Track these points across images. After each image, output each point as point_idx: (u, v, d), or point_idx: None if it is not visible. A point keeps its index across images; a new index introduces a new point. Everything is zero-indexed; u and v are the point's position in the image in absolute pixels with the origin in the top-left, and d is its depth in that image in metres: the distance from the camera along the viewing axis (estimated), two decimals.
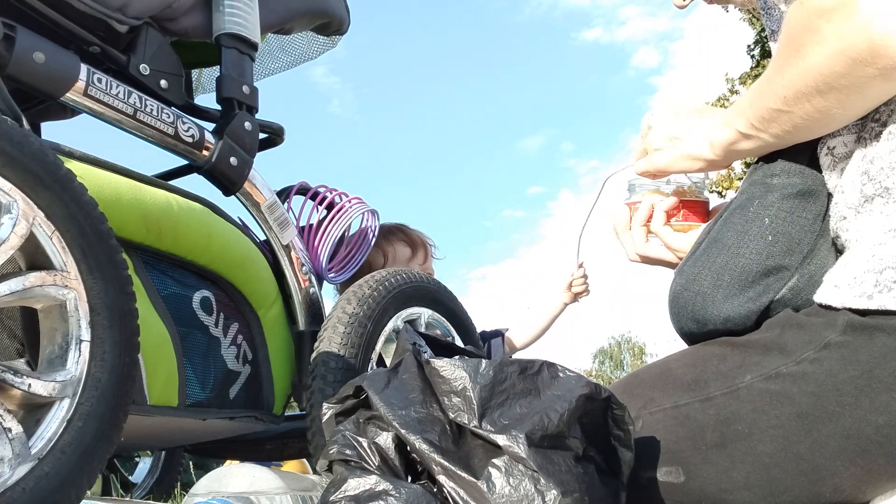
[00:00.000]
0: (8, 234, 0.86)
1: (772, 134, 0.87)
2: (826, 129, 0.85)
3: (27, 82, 1.12)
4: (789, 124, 0.83)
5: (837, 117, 0.80)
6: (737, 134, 0.92)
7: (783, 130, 0.85)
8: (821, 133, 0.87)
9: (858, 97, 0.75)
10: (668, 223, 1.10)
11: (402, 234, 2.17)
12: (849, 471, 0.78)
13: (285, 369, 1.57)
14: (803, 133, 0.86)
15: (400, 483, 0.78)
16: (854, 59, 0.70)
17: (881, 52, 0.68)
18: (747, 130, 0.89)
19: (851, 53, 0.70)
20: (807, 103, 0.79)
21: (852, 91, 0.74)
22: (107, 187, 1.21)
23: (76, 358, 0.91)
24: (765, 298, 0.89)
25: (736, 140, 0.92)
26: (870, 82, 0.72)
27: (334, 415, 0.91)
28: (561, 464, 0.76)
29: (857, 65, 0.70)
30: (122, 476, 2.39)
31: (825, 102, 0.77)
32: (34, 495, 0.83)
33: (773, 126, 0.85)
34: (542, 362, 0.84)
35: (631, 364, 18.01)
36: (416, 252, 2.16)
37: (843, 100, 0.76)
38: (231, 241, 1.47)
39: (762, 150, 0.93)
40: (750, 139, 0.90)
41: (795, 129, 0.84)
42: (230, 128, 1.43)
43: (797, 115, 0.81)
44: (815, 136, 0.88)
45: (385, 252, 2.10)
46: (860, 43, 0.69)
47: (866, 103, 0.78)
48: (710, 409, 0.85)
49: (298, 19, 1.65)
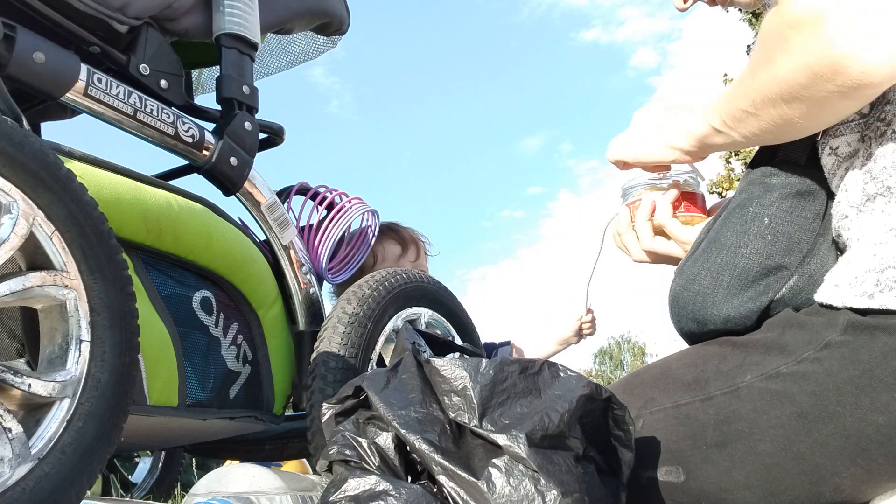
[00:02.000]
0: (8, 234, 0.86)
1: (740, 133, 0.88)
2: (791, 136, 0.87)
3: (27, 82, 1.12)
4: (756, 127, 0.85)
5: (799, 126, 0.82)
6: (710, 129, 0.93)
7: (750, 132, 0.86)
8: (787, 139, 0.88)
9: (819, 110, 0.77)
10: (675, 215, 1.10)
11: (392, 233, 2.15)
12: (849, 470, 0.78)
13: (285, 369, 1.57)
14: (769, 137, 0.87)
15: (400, 483, 0.78)
16: (816, 74, 0.72)
17: (840, 70, 0.70)
18: (719, 127, 0.91)
19: (815, 68, 0.72)
20: (772, 109, 0.80)
21: (813, 104, 0.76)
22: (107, 187, 1.21)
23: (76, 358, 0.91)
24: (765, 298, 0.89)
25: (709, 134, 0.94)
26: (830, 97, 0.74)
27: (334, 415, 0.91)
28: (561, 464, 0.76)
29: (819, 79, 0.72)
30: (122, 476, 2.39)
31: (789, 111, 0.79)
32: (34, 495, 0.83)
33: (742, 126, 0.87)
34: (542, 362, 0.84)
35: (631, 364, 18.02)
36: (407, 250, 2.14)
37: (805, 111, 0.78)
38: (231, 241, 1.47)
39: (734, 146, 0.94)
40: (721, 135, 0.92)
41: (761, 132, 0.85)
42: (230, 128, 1.43)
43: (763, 118, 0.83)
44: (781, 141, 0.89)
45: (374, 251, 2.08)
46: (823, 59, 0.71)
47: (828, 116, 0.80)
48: (710, 408, 0.85)
49: (298, 19, 1.65)
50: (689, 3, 1.16)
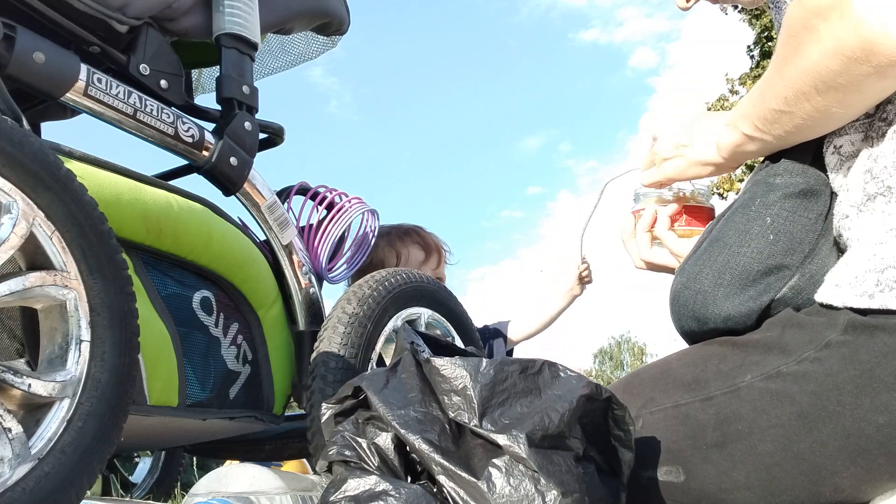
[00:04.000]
0: (8, 234, 0.86)
1: (775, 135, 0.87)
2: (828, 128, 0.85)
3: (27, 82, 1.12)
4: (791, 125, 0.83)
5: (837, 116, 0.80)
6: (742, 136, 0.92)
7: (785, 131, 0.85)
8: (823, 132, 0.87)
9: (856, 95, 0.76)
10: (672, 228, 1.11)
11: (418, 237, 2.15)
12: (849, 470, 0.78)
13: (285, 369, 1.57)
14: (806, 133, 0.86)
15: (400, 483, 0.78)
16: (849, 58, 0.71)
17: (874, 49, 0.69)
18: (752, 133, 0.90)
19: (846, 52, 0.71)
20: (806, 103, 0.79)
21: (850, 89, 0.74)
22: (107, 187, 1.21)
23: (76, 358, 0.91)
24: (765, 297, 0.89)
25: (742, 143, 0.93)
26: (866, 80, 0.72)
27: (333, 415, 0.91)
28: (561, 464, 0.76)
29: (853, 63, 0.71)
30: (122, 476, 2.39)
31: (825, 101, 0.77)
32: (34, 495, 0.83)
33: (776, 127, 0.86)
34: (543, 362, 0.84)
35: (631, 364, 18.00)
36: (430, 256, 2.14)
37: (841, 99, 0.76)
38: (231, 241, 1.47)
39: (767, 151, 0.93)
40: (755, 141, 0.91)
41: (797, 130, 0.84)
42: (230, 128, 1.43)
43: (798, 115, 0.81)
44: (818, 135, 0.88)
45: (399, 253, 2.09)
46: (854, 41, 0.70)
47: (865, 101, 0.78)
48: (710, 408, 0.85)
49: (298, 19, 1.64)
50: (691, 1, 1.16)
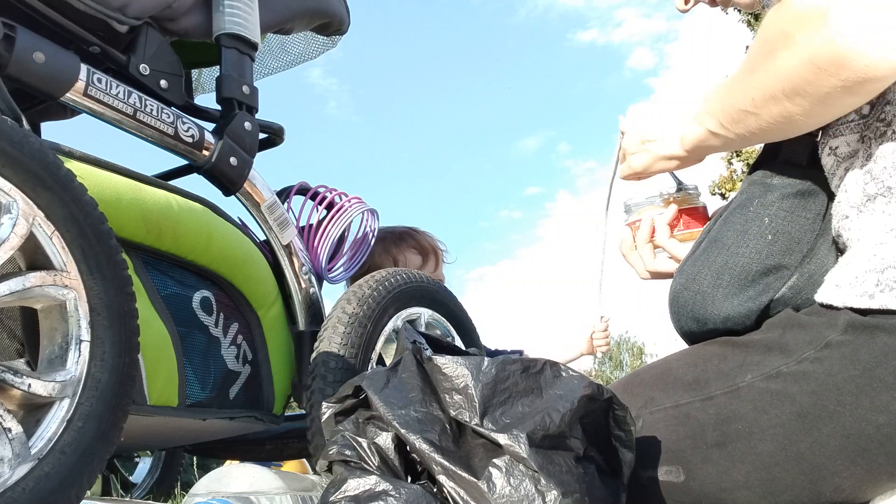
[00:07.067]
0: (8, 234, 0.86)
1: (738, 134, 0.88)
2: (788, 134, 0.86)
3: (27, 82, 1.12)
4: (755, 126, 0.85)
5: (800, 124, 0.81)
6: (706, 133, 0.93)
7: (748, 131, 0.86)
8: (783, 137, 0.88)
9: (821, 106, 0.77)
10: (672, 235, 1.10)
11: (414, 241, 2.14)
12: (849, 470, 0.78)
13: (285, 369, 1.57)
14: (766, 136, 0.87)
15: (400, 483, 0.78)
16: (820, 68, 0.72)
17: (845, 64, 0.70)
18: (716, 129, 0.91)
19: (818, 62, 0.72)
20: (774, 106, 0.80)
21: (816, 99, 0.76)
22: (107, 187, 1.21)
23: (76, 358, 0.91)
24: (765, 297, 0.89)
25: (706, 139, 0.94)
26: (833, 92, 0.74)
27: (333, 415, 0.91)
28: (562, 464, 0.76)
29: (823, 74, 0.72)
30: (122, 476, 2.39)
31: (791, 107, 0.78)
32: (34, 495, 0.83)
33: (740, 126, 0.87)
34: (544, 361, 0.84)
35: (630, 364, 17.99)
36: (427, 260, 2.14)
37: (807, 108, 0.77)
38: (231, 241, 1.47)
39: (730, 147, 0.94)
40: (718, 137, 0.92)
41: (760, 131, 0.85)
42: (230, 128, 1.43)
43: (763, 117, 0.82)
44: (780, 139, 0.89)
45: (395, 259, 2.09)
46: (827, 53, 0.71)
47: (829, 113, 0.80)
48: (710, 408, 0.85)
49: (298, 19, 1.64)
50: (690, 3, 1.16)
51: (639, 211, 1.14)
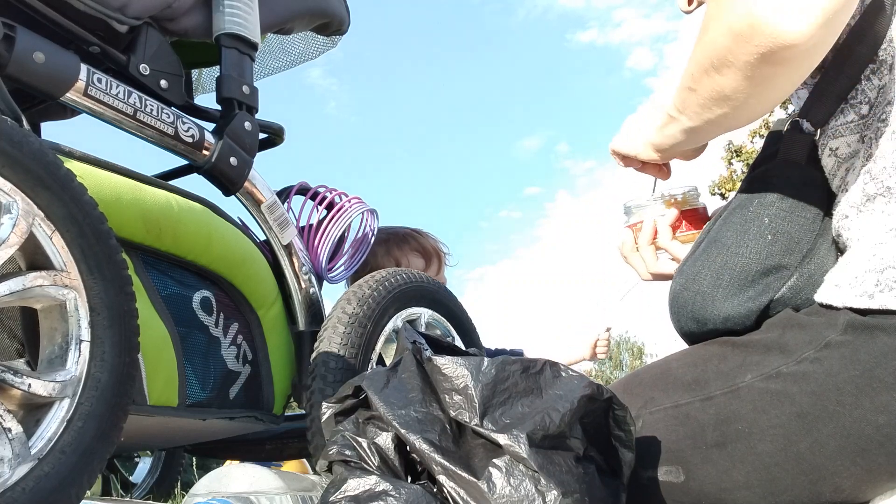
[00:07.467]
0: (8, 234, 0.86)
1: (688, 116, 0.89)
2: (733, 118, 0.86)
3: (27, 82, 1.12)
4: (697, 104, 0.85)
5: (736, 103, 0.81)
6: (666, 116, 0.94)
7: (694, 112, 0.87)
8: (732, 124, 0.88)
9: (749, 82, 0.77)
10: (675, 237, 1.11)
11: (417, 244, 2.13)
12: (849, 470, 0.78)
13: (285, 369, 1.57)
14: (713, 117, 0.86)
15: (400, 483, 0.78)
16: (737, 35, 0.74)
17: (758, 29, 0.72)
18: (672, 112, 0.92)
19: (735, 28, 0.74)
20: (707, 80, 0.81)
21: (741, 72, 0.77)
22: (106, 187, 1.21)
23: (76, 358, 0.91)
24: (764, 298, 0.89)
25: (665, 122, 0.95)
26: (752, 62, 0.75)
27: (333, 415, 0.91)
28: (562, 464, 0.76)
29: (740, 40, 0.74)
30: (122, 476, 2.39)
31: (721, 80, 0.79)
32: (34, 495, 0.83)
33: (687, 107, 0.88)
34: (544, 362, 0.84)
35: (630, 364, 18.00)
36: (430, 263, 2.13)
37: (735, 80, 0.78)
38: (231, 241, 1.47)
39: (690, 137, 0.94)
40: (674, 122, 0.92)
41: (704, 111, 0.86)
42: (230, 128, 1.43)
43: (701, 93, 0.83)
44: (728, 127, 0.89)
45: (398, 260, 2.08)
46: (742, 20, 0.73)
47: (757, 88, 0.79)
48: (710, 408, 0.85)
49: (298, 19, 1.65)
50: (693, 4, 1.16)
51: (640, 212, 1.14)
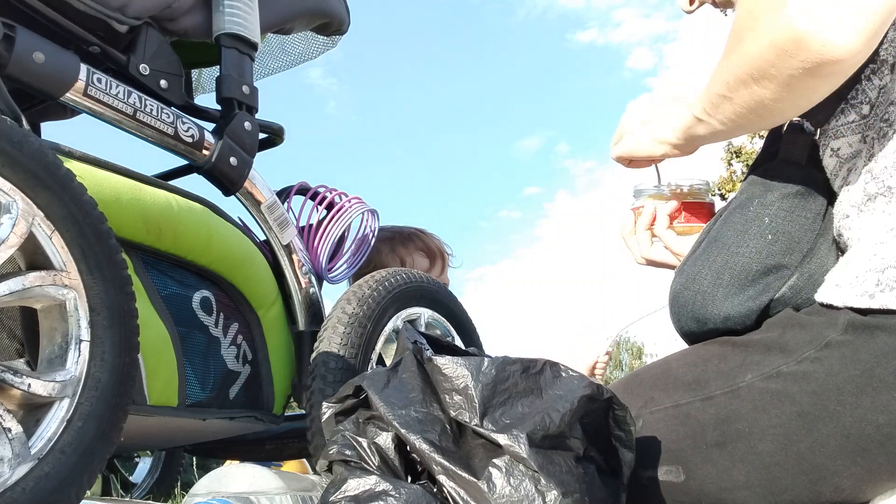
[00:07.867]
0: (7, 234, 0.86)
1: (719, 120, 0.89)
2: (767, 123, 0.87)
3: (27, 82, 1.12)
4: (731, 111, 0.85)
5: (774, 110, 0.82)
6: (693, 119, 0.93)
7: (727, 117, 0.87)
8: (764, 126, 0.88)
9: (789, 91, 0.78)
10: (671, 226, 1.11)
11: (422, 243, 2.13)
12: (849, 470, 0.78)
13: (285, 369, 1.57)
14: (745, 122, 0.87)
15: (400, 483, 0.78)
16: (781, 50, 0.74)
17: (802, 45, 0.72)
18: (700, 115, 0.91)
19: (779, 43, 0.74)
20: (744, 90, 0.81)
21: (782, 83, 0.77)
22: (106, 187, 1.21)
23: (76, 358, 0.91)
24: (765, 297, 0.89)
25: (692, 124, 0.94)
26: (796, 75, 0.75)
27: (334, 415, 0.91)
28: (562, 464, 0.76)
29: (784, 55, 0.74)
30: (122, 476, 2.39)
31: (760, 91, 0.79)
32: (34, 495, 0.83)
33: (719, 112, 0.87)
34: (544, 362, 0.84)
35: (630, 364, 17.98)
36: (434, 263, 2.13)
37: (776, 92, 0.78)
38: (231, 241, 1.47)
39: (717, 137, 0.94)
40: (703, 124, 0.92)
41: (738, 117, 0.86)
42: (230, 128, 1.43)
43: (737, 101, 0.83)
44: (760, 128, 0.89)
45: (403, 259, 2.08)
46: (786, 35, 0.73)
47: (797, 99, 0.80)
48: (710, 408, 0.85)
49: (298, 19, 1.64)
50: (695, 4, 1.16)
51: (644, 198, 1.14)
